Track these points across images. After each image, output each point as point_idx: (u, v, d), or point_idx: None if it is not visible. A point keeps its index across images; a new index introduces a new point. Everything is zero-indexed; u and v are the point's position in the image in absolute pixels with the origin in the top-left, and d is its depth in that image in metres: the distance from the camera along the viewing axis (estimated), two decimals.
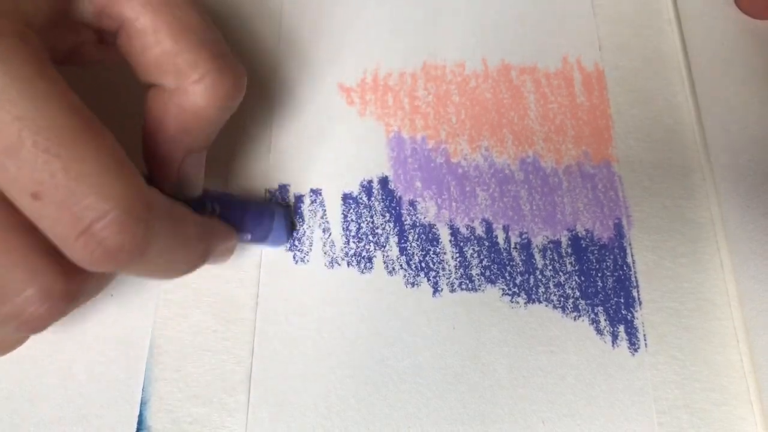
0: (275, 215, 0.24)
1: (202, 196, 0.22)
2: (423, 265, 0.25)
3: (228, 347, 0.24)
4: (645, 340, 0.24)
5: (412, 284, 0.25)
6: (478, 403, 0.23)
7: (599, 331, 0.24)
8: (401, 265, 0.25)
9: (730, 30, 0.29)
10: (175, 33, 0.18)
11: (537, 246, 0.25)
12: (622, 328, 0.24)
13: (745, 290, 0.24)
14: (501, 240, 0.25)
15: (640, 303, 0.24)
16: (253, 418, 0.23)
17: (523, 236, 0.25)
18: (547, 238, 0.25)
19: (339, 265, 0.25)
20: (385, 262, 0.25)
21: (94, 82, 0.21)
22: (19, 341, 0.19)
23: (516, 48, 0.29)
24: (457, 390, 0.23)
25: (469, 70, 0.28)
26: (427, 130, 0.27)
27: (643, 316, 0.24)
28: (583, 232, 0.25)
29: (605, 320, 0.24)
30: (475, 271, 0.25)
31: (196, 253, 0.20)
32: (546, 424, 0.23)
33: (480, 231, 0.25)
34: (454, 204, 0.26)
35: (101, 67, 0.22)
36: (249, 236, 0.23)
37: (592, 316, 0.24)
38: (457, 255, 0.25)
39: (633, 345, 0.24)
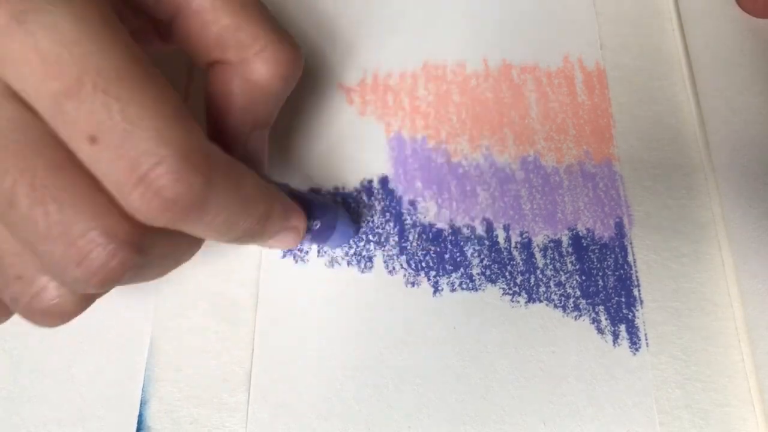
0: (340, 210, 0.23)
1: (268, 181, 0.21)
2: (423, 264, 0.25)
3: (228, 347, 0.24)
4: (646, 339, 0.24)
5: (413, 284, 0.25)
6: (478, 403, 0.23)
7: (600, 331, 0.24)
8: (401, 265, 0.25)
9: (732, 29, 0.29)
10: (233, 9, 0.19)
11: (538, 245, 0.25)
12: (623, 327, 0.24)
13: (746, 290, 0.24)
14: (501, 239, 0.25)
15: (641, 302, 0.24)
16: (253, 418, 0.23)
17: (524, 235, 0.25)
18: (548, 237, 0.25)
19: (339, 264, 0.25)
20: (385, 262, 0.25)
21: None
22: (81, 304, 0.18)
23: (517, 47, 0.29)
24: (457, 390, 0.23)
25: (470, 69, 0.28)
26: (428, 129, 0.27)
27: (644, 316, 0.24)
28: (584, 232, 0.25)
29: (606, 320, 0.24)
30: (475, 271, 0.25)
31: (257, 213, 0.18)
32: (546, 424, 0.23)
33: (480, 230, 0.25)
34: (454, 203, 0.26)
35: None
36: (318, 223, 0.22)
37: (593, 315, 0.24)
38: (458, 254, 0.25)
39: (634, 344, 0.24)
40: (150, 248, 0.16)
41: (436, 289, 0.24)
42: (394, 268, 0.25)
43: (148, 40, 0.21)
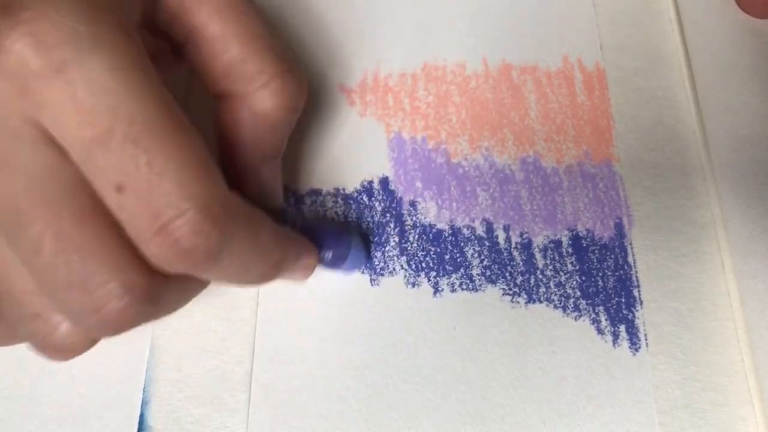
0: (353, 237, 0.24)
1: (283, 212, 0.22)
2: (423, 265, 0.25)
3: (228, 347, 0.24)
4: (646, 339, 0.24)
5: (413, 284, 0.25)
6: (478, 403, 0.23)
7: (600, 331, 0.24)
8: (401, 265, 0.25)
9: (731, 29, 0.29)
10: (242, 40, 0.19)
11: (538, 246, 0.25)
12: (623, 327, 0.24)
13: (746, 290, 0.24)
14: (501, 240, 0.25)
15: (641, 303, 0.24)
16: (253, 418, 0.23)
17: (524, 236, 0.25)
18: (548, 237, 0.25)
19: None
20: (385, 262, 0.25)
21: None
22: (89, 344, 0.19)
23: (516, 48, 0.29)
24: (457, 390, 0.23)
25: (470, 70, 0.28)
26: (428, 130, 0.27)
27: (644, 316, 0.24)
28: (584, 232, 0.25)
29: (606, 320, 0.24)
30: (475, 271, 0.25)
31: (271, 261, 0.19)
32: (546, 424, 0.23)
33: (480, 231, 0.25)
34: (454, 204, 0.26)
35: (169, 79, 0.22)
36: (330, 254, 0.22)
37: (593, 315, 0.24)
38: (458, 255, 0.25)
39: (634, 345, 0.24)
40: (163, 297, 0.17)
41: (437, 289, 0.25)
42: (394, 269, 0.25)
43: (167, 62, 0.22)
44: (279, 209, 0.22)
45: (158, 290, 0.17)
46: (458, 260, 0.25)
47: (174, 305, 0.19)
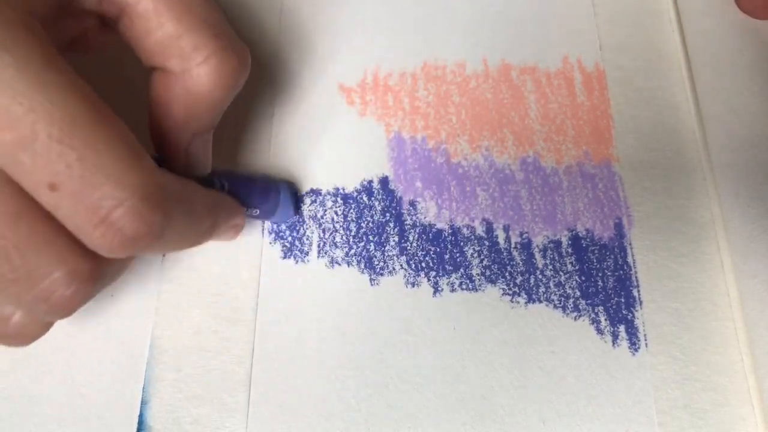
0: (281, 190, 0.24)
1: (210, 174, 0.22)
2: (423, 265, 0.25)
3: (228, 347, 0.24)
4: (645, 340, 0.24)
5: (413, 284, 0.25)
6: (478, 403, 0.23)
7: (600, 331, 0.24)
8: (401, 265, 0.25)
9: (731, 29, 0.29)
10: (176, 15, 0.18)
11: (537, 246, 0.25)
12: (622, 328, 0.24)
13: (745, 290, 0.24)
14: (501, 240, 0.25)
15: (641, 303, 0.24)
16: (253, 418, 0.23)
17: (524, 236, 0.25)
18: (548, 237, 0.25)
19: (339, 265, 0.25)
20: (385, 262, 0.25)
21: (98, 67, 0.21)
22: (45, 328, 0.19)
23: (516, 48, 0.29)
24: (457, 390, 0.23)
25: (470, 70, 0.28)
26: (428, 130, 0.27)
27: (643, 316, 0.24)
28: (584, 232, 0.25)
29: (606, 320, 0.24)
30: (475, 271, 0.25)
31: (204, 226, 0.20)
32: (546, 424, 0.23)
33: (480, 231, 0.25)
34: (454, 204, 0.26)
35: (104, 52, 0.22)
36: (257, 211, 0.24)
37: (593, 315, 0.24)
38: (458, 255, 0.25)
39: (633, 345, 0.24)
40: (107, 275, 0.18)
41: (436, 289, 0.25)
42: (394, 269, 0.25)
43: (98, 41, 0.21)
44: (206, 176, 0.22)
45: (101, 270, 0.17)
46: (458, 260, 0.25)
47: (115, 278, 0.19)
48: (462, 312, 0.24)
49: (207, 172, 0.22)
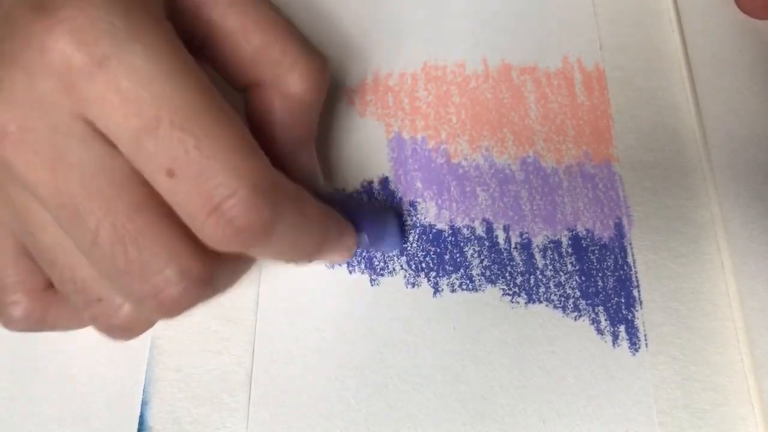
0: (390, 217, 0.24)
1: (322, 193, 0.22)
2: (423, 265, 0.25)
3: (228, 347, 0.24)
4: (645, 340, 0.24)
5: (413, 284, 0.25)
6: (478, 403, 0.23)
7: (600, 331, 0.24)
8: (401, 266, 0.25)
9: (731, 29, 0.29)
10: (262, 28, 0.19)
11: (537, 246, 0.25)
12: (622, 328, 0.24)
13: (745, 290, 0.24)
14: (501, 240, 0.25)
15: (641, 303, 0.24)
16: (253, 418, 0.23)
17: (524, 236, 0.25)
18: (548, 238, 0.25)
19: (339, 265, 0.25)
20: (385, 262, 0.25)
21: None
22: (150, 325, 0.20)
23: (516, 48, 0.29)
24: (457, 390, 0.23)
25: (470, 70, 0.28)
26: (428, 130, 0.27)
27: (643, 316, 0.24)
28: (584, 232, 0.25)
29: (606, 320, 0.24)
30: (475, 271, 0.25)
31: (316, 238, 0.20)
32: (546, 424, 0.23)
33: (480, 231, 0.25)
34: (454, 204, 0.26)
35: None
36: (365, 237, 0.23)
37: (593, 316, 0.24)
38: (458, 255, 0.25)
39: (633, 345, 0.24)
40: (217, 278, 0.18)
41: (436, 289, 0.25)
42: (394, 269, 0.25)
43: None
44: (318, 190, 0.22)
45: (213, 273, 0.17)
46: (458, 260, 0.25)
47: (226, 285, 0.19)
48: (462, 312, 0.24)
49: (320, 182, 0.22)
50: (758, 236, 0.25)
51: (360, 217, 0.22)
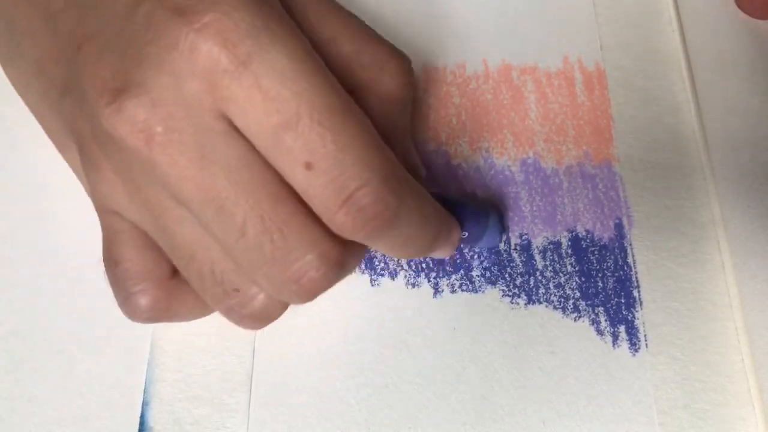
0: (491, 215, 0.24)
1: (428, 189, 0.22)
2: (423, 266, 0.25)
3: (229, 348, 0.24)
4: (646, 340, 0.24)
5: (413, 285, 0.25)
6: (478, 403, 0.23)
7: (600, 332, 0.24)
8: (402, 266, 0.25)
9: (731, 30, 0.29)
10: (350, 34, 0.21)
11: (537, 247, 0.25)
12: (622, 328, 0.24)
13: (746, 290, 0.24)
14: (501, 241, 0.25)
15: (641, 303, 0.24)
16: (254, 419, 0.23)
17: (524, 237, 0.25)
18: (548, 238, 0.25)
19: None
20: (385, 263, 0.25)
21: None
22: (282, 311, 0.20)
23: (516, 48, 0.29)
24: (457, 390, 0.23)
25: (470, 70, 0.28)
26: (428, 132, 0.27)
27: (643, 317, 0.24)
28: (584, 233, 0.25)
29: (606, 321, 0.24)
30: (475, 272, 0.25)
31: (431, 232, 0.20)
32: (546, 425, 0.23)
33: None
34: None
35: None
36: (465, 234, 0.23)
37: (593, 316, 0.24)
38: (458, 256, 0.25)
39: (633, 345, 0.24)
40: (348, 263, 0.19)
41: (437, 290, 0.25)
42: (394, 269, 0.25)
43: None
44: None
45: (346, 257, 0.18)
46: (458, 261, 0.25)
47: (351, 269, 0.20)
48: (462, 313, 0.24)
49: (423, 176, 0.23)
50: (759, 236, 0.25)
51: (464, 215, 0.23)
